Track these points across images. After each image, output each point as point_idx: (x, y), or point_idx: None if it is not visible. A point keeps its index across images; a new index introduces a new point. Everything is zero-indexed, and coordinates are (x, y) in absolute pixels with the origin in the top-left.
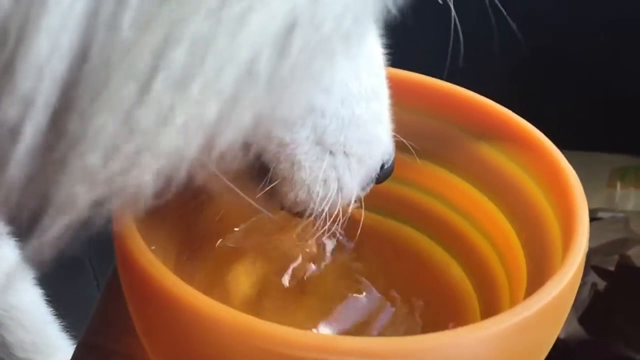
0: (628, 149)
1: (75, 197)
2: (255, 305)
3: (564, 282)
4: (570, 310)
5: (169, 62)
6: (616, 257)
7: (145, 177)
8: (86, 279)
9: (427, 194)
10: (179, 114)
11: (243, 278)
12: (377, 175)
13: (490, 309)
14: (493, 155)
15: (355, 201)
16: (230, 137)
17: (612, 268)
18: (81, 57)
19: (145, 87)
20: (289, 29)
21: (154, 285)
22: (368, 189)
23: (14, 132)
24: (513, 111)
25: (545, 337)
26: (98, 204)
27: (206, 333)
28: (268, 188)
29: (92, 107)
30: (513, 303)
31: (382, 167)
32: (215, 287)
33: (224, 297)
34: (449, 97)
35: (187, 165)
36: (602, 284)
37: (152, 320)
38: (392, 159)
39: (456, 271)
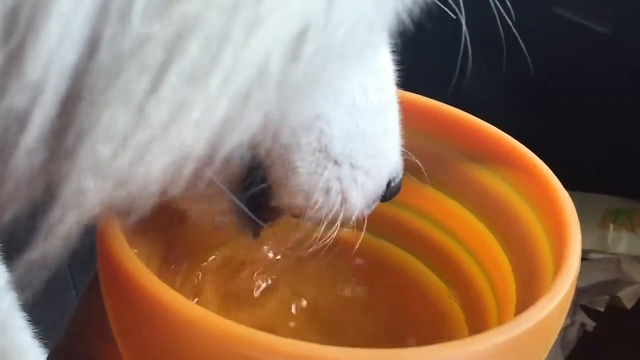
0: (622, 192)
1: (84, 192)
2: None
3: (554, 302)
4: (558, 350)
5: (182, 55)
6: (606, 298)
7: (153, 171)
8: (65, 287)
9: (417, 214)
10: (194, 108)
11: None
12: (384, 193)
13: (478, 330)
14: (486, 177)
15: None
16: (237, 137)
17: (602, 309)
18: (92, 47)
19: (158, 80)
20: (303, 33)
21: (133, 284)
22: (374, 207)
23: (22, 121)
24: None
25: (533, 358)
26: (106, 200)
27: (184, 335)
28: (258, 189)
29: (103, 97)
30: (501, 325)
31: (388, 184)
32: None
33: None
34: (443, 118)
35: (194, 163)
36: (591, 325)
37: (129, 320)
38: (399, 177)
39: (443, 291)
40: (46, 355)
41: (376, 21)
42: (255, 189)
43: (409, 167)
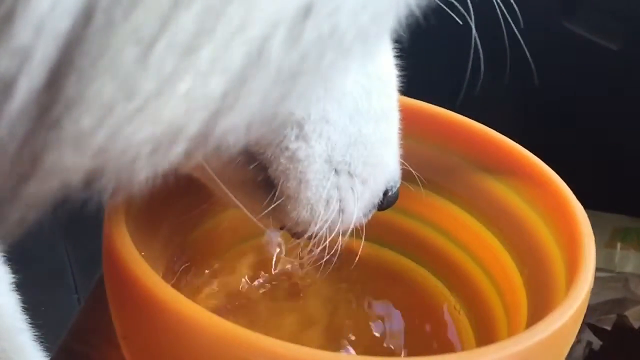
0: (630, 210)
1: (65, 162)
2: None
3: (568, 314)
4: None
5: (176, 26)
6: (613, 316)
7: (134, 143)
8: (67, 291)
9: (427, 225)
10: (181, 81)
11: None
12: (380, 202)
13: (485, 343)
14: (498, 188)
15: (356, 229)
16: (235, 119)
17: (608, 327)
18: (86, 16)
19: (148, 50)
20: (305, 14)
21: (139, 287)
22: (370, 215)
23: (8, 87)
24: None
25: None
26: (90, 175)
27: (189, 338)
28: (274, 205)
29: (92, 69)
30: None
31: (385, 193)
32: None
33: None
34: (456, 128)
35: (186, 142)
36: (597, 343)
37: (133, 323)
38: (397, 186)
39: (452, 303)
40: (48, 358)
41: (381, 10)
42: (270, 208)
43: (417, 178)
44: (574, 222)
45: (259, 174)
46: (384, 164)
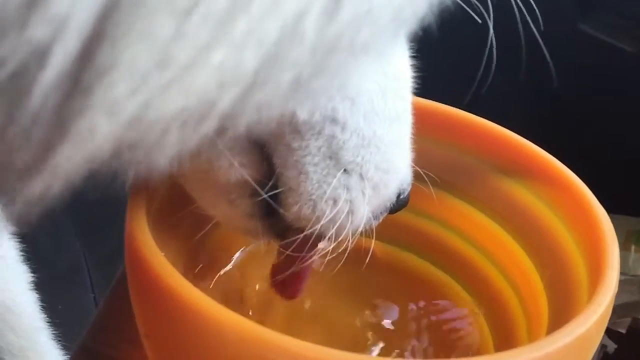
0: None
1: (96, 129)
2: None
3: (591, 319)
4: None
5: None
6: (628, 319)
7: (167, 112)
8: (83, 290)
9: (445, 227)
10: (215, 52)
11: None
12: (392, 205)
13: (505, 348)
14: (517, 191)
15: (367, 230)
16: (266, 97)
17: (623, 330)
18: None
19: (183, 21)
20: None
21: (161, 285)
22: (381, 218)
23: (43, 56)
24: None
25: None
26: (119, 145)
27: (211, 337)
28: (272, 193)
29: (127, 37)
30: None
31: (397, 196)
32: None
33: None
34: (474, 130)
35: (217, 118)
36: (612, 346)
37: (156, 322)
38: (408, 189)
39: (471, 307)
40: (66, 356)
41: None
42: (269, 194)
43: (441, 183)
44: (597, 225)
45: (263, 161)
46: (396, 168)
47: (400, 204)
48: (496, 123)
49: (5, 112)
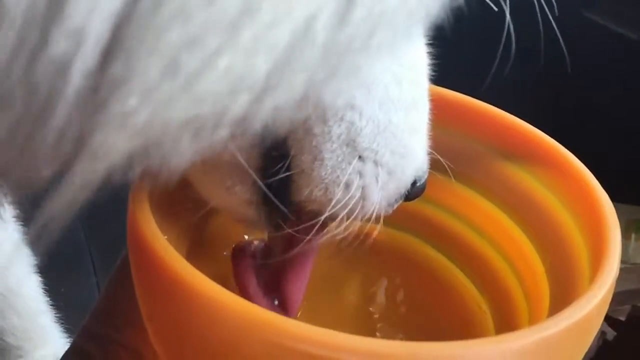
0: None
1: (111, 144)
2: None
3: (592, 303)
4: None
5: (221, 4)
6: (628, 307)
7: (175, 123)
8: (85, 273)
9: (447, 212)
10: (223, 58)
11: None
12: (407, 192)
13: (506, 331)
14: (520, 175)
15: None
16: (278, 102)
17: (622, 318)
18: None
19: (191, 26)
20: None
21: (164, 268)
22: (396, 205)
23: (64, 70)
24: None
25: None
26: (134, 156)
27: (214, 320)
28: (283, 176)
29: (139, 48)
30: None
31: (414, 184)
32: None
33: None
34: (477, 114)
35: (230, 125)
36: (611, 334)
37: (159, 305)
38: (425, 176)
39: (472, 292)
40: (68, 339)
41: None
42: (280, 176)
43: (442, 166)
44: (599, 210)
45: (276, 144)
46: (412, 154)
47: (416, 192)
48: (502, 109)
49: (30, 131)
